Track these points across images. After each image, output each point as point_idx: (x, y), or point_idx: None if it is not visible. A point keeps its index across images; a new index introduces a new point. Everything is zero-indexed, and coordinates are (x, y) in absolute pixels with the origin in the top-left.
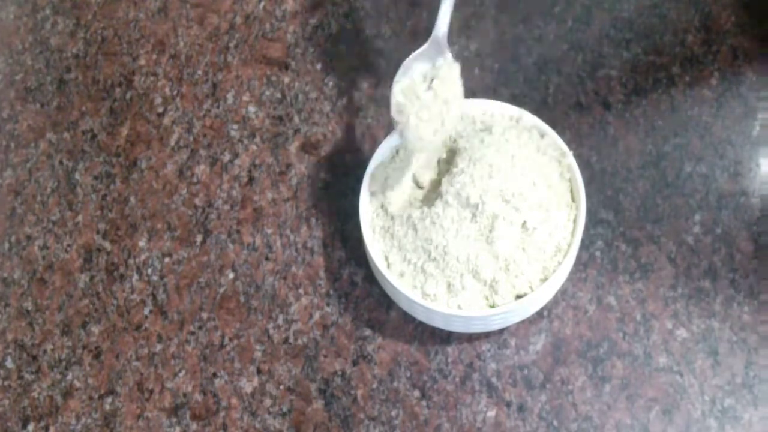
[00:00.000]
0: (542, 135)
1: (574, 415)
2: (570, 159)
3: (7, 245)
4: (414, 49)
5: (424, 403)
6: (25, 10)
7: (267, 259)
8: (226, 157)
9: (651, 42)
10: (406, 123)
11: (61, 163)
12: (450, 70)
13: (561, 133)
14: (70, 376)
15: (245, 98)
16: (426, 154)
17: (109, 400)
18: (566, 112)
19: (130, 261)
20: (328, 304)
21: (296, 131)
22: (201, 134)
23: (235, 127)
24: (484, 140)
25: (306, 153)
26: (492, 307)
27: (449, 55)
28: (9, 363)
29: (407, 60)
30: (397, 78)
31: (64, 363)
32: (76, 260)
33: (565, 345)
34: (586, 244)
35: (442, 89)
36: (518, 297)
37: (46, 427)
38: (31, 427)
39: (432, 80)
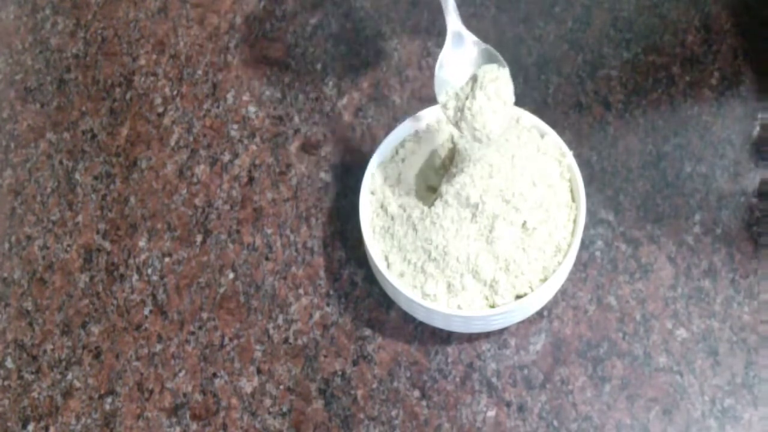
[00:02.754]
0: (542, 135)
1: (574, 415)
2: (570, 159)
3: (7, 245)
4: (413, 49)
5: (424, 403)
6: (25, 10)
7: (267, 259)
8: (226, 157)
9: (651, 42)
10: (461, 117)
11: (61, 163)
12: (497, 77)
13: (561, 133)
14: (70, 376)
15: (245, 98)
16: (430, 153)
17: (109, 400)
18: (566, 112)
19: (130, 261)
20: (328, 304)
21: (296, 131)
22: (201, 134)
23: (235, 127)
24: None
25: (306, 153)
26: (492, 307)
27: (494, 58)
28: (9, 363)
29: (438, 69)
30: (437, 87)
31: (64, 363)
32: (76, 260)
33: (565, 345)
34: (586, 244)
35: (490, 90)
36: (518, 297)
37: (46, 427)
38: (31, 427)
39: (477, 85)
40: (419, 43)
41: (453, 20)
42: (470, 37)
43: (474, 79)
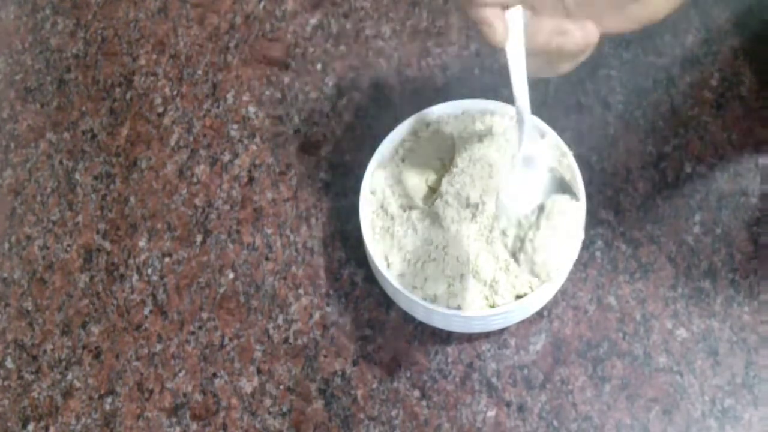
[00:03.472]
0: (542, 135)
1: (574, 415)
2: (570, 159)
3: (7, 245)
4: (413, 49)
5: (424, 403)
6: (25, 10)
7: (267, 259)
8: (226, 157)
9: (651, 42)
10: (520, 248)
11: (61, 163)
12: (566, 210)
13: (561, 133)
14: (70, 376)
15: (245, 98)
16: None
17: (109, 400)
18: (566, 112)
19: (130, 261)
20: (328, 304)
21: (296, 131)
22: (201, 134)
23: (235, 127)
24: (484, 140)
25: (306, 153)
26: (492, 307)
27: (567, 189)
28: (9, 363)
29: (501, 192)
30: (498, 210)
31: (64, 363)
32: (76, 260)
33: (565, 345)
34: (586, 244)
35: (557, 223)
36: (518, 297)
37: (46, 427)
38: (31, 427)
39: (543, 215)
40: (419, 43)
41: (528, 142)
42: (545, 163)
43: (541, 208)
